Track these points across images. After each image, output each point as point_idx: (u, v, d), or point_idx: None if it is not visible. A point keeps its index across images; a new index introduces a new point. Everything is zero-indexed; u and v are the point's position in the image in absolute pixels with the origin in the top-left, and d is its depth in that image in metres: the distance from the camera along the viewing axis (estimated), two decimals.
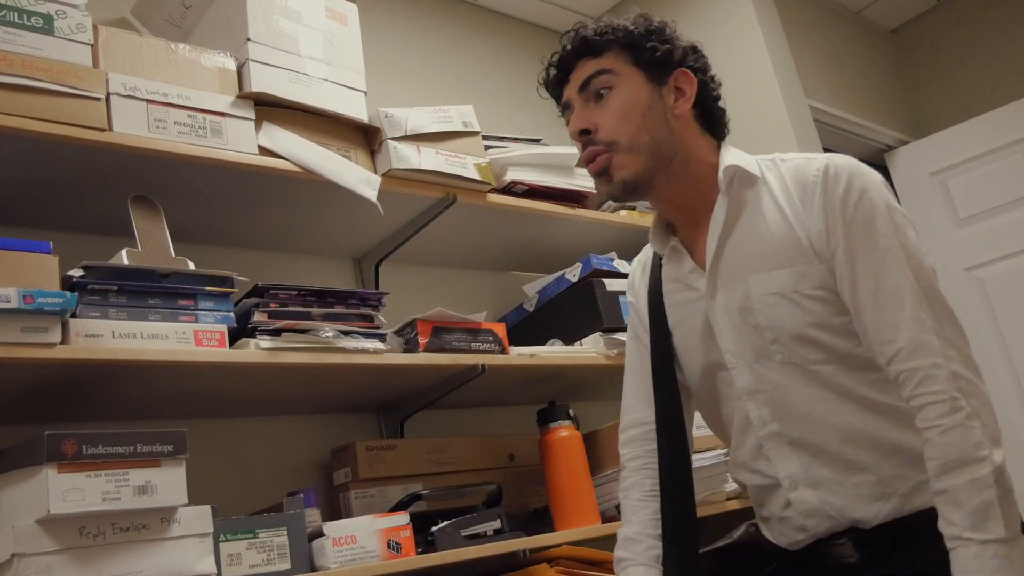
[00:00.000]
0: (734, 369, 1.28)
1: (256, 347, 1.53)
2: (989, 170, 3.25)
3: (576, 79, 1.32)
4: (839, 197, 1.21)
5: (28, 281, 1.28)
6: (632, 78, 1.30)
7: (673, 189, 1.32)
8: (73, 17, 1.50)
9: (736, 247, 1.27)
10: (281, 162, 1.70)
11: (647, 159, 1.27)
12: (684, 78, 1.31)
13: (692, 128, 1.32)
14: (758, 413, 1.26)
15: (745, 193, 1.29)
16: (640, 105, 1.28)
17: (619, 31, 1.30)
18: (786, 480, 1.25)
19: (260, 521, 1.46)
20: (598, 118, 1.29)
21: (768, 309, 1.23)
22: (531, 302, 2.29)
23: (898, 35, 3.81)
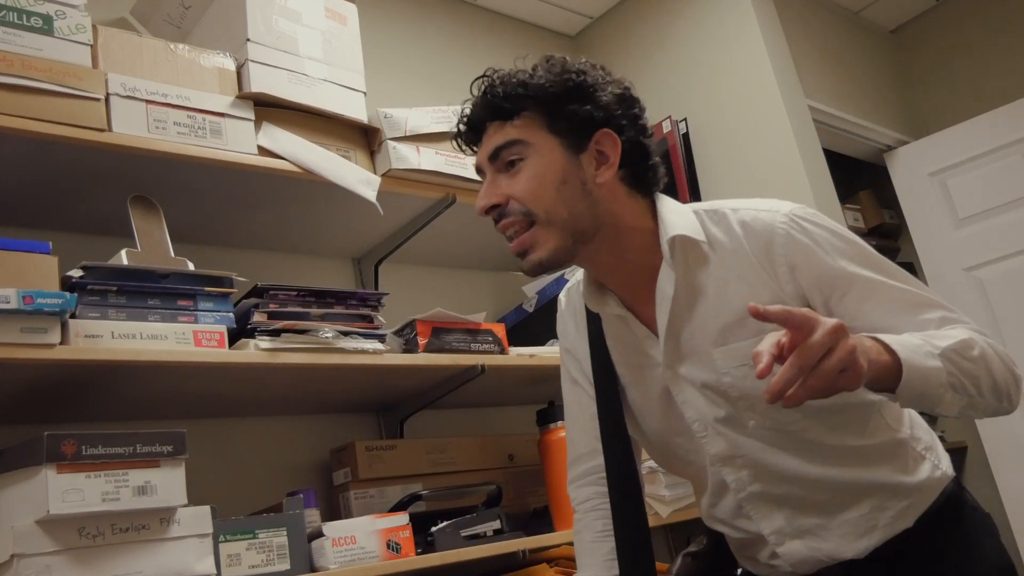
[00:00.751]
0: (704, 438, 1.20)
1: (255, 347, 1.53)
2: (989, 170, 3.25)
3: (486, 146, 1.19)
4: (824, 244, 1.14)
5: (28, 281, 1.28)
6: (546, 147, 1.15)
7: (602, 259, 1.20)
8: (72, 17, 1.50)
9: (692, 321, 1.18)
10: (280, 162, 1.70)
11: (565, 236, 1.15)
12: (607, 140, 1.16)
13: (618, 193, 1.18)
14: (735, 477, 1.20)
15: (691, 262, 1.18)
16: (555, 177, 1.14)
17: (532, 92, 1.15)
18: (772, 536, 1.21)
19: (260, 521, 1.46)
20: (508, 189, 1.16)
21: (738, 381, 1.15)
22: (531, 302, 2.29)
23: (898, 35, 3.81)
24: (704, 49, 2.88)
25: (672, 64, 2.95)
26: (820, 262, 1.14)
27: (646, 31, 3.04)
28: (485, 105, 1.19)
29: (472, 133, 1.22)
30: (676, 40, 2.95)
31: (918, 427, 1.26)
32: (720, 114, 2.80)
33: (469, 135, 1.23)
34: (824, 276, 1.13)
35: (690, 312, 1.18)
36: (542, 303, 2.26)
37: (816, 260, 1.14)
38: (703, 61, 2.87)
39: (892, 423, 1.22)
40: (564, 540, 1.80)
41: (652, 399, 1.26)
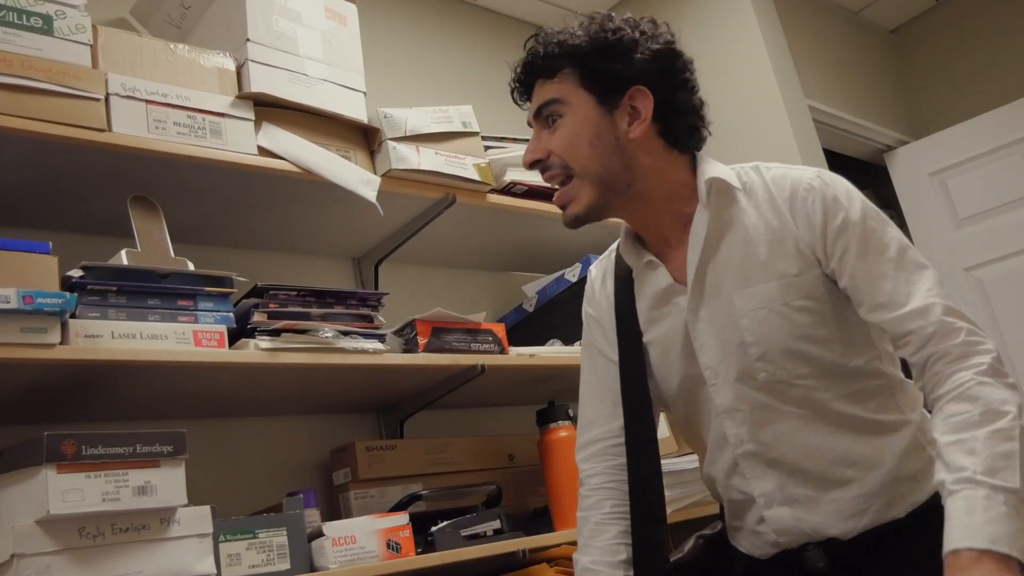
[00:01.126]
0: (713, 386, 1.23)
1: (255, 347, 1.53)
2: (989, 170, 3.25)
3: (533, 104, 1.29)
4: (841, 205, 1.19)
5: (27, 281, 1.28)
6: (580, 103, 1.23)
7: (636, 210, 1.27)
8: (72, 17, 1.50)
9: (719, 262, 1.23)
10: (280, 162, 1.70)
11: (597, 189, 1.23)
12: (639, 96, 1.22)
13: (653, 148, 1.24)
14: (735, 432, 1.23)
15: (725, 205, 1.24)
16: (588, 133, 1.22)
17: (567, 51, 1.24)
18: (761, 498, 1.22)
19: (260, 521, 1.46)
20: (549, 144, 1.25)
21: (755, 324, 1.19)
22: (531, 302, 2.29)
23: (898, 35, 3.81)
24: (704, 49, 2.87)
25: None
26: (832, 215, 1.18)
27: None
28: (529, 64, 1.28)
29: (522, 88, 1.31)
30: None
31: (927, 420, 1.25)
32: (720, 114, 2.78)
33: (521, 91, 1.32)
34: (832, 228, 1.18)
35: (718, 253, 1.23)
36: (542, 303, 2.26)
37: (829, 212, 1.19)
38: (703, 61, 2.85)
39: (903, 406, 1.22)
40: (564, 540, 1.80)
41: (673, 350, 1.28)
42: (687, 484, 1.97)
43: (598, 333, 1.39)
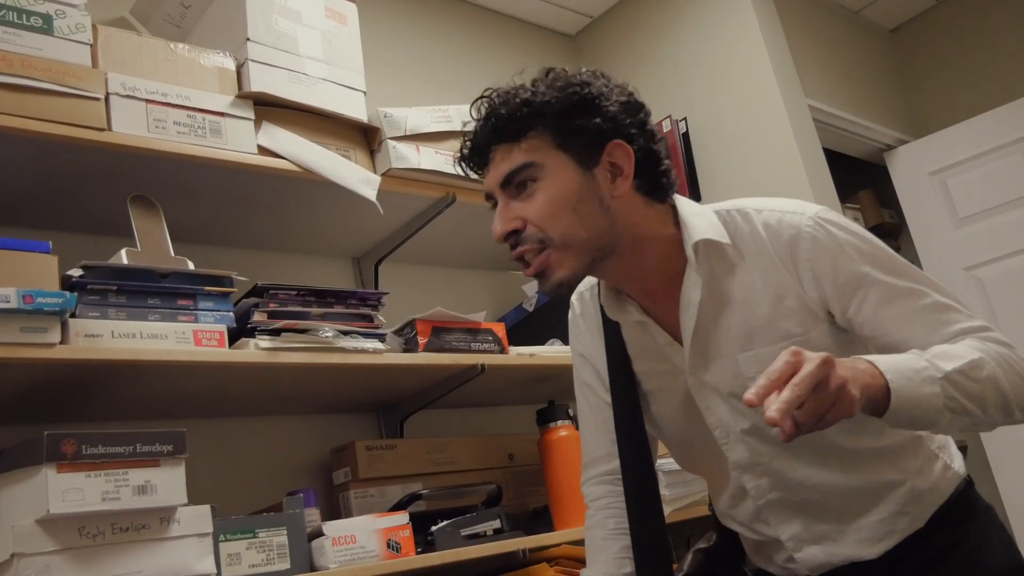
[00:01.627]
0: (725, 444, 1.20)
1: (255, 347, 1.53)
2: (989, 170, 3.25)
3: (496, 171, 1.15)
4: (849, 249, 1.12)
5: (27, 281, 1.28)
6: (558, 166, 1.12)
7: (624, 270, 1.18)
8: (72, 17, 1.50)
9: (718, 326, 1.16)
10: (280, 162, 1.70)
11: (585, 255, 1.13)
12: (619, 152, 1.13)
13: (635, 203, 1.15)
14: (755, 484, 1.21)
15: (716, 266, 1.16)
16: (571, 197, 1.11)
17: (537, 110, 1.12)
18: (790, 542, 1.21)
19: (260, 521, 1.46)
20: (524, 213, 1.13)
21: None
22: (531, 302, 2.29)
23: (897, 34, 3.81)
24: (704, 48, 2.88)
25: (672, 63, 2.95)
26: (843, 267, 1.11)
27: (646, 31, 3.04)
28: (490, 129, 1.15)
29: (478, 157, 1.18)
30: (676, 39, 2.95)
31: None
32: (720, 113, 2.80)
33: (475, 159, 1.19)
34: (845, 282, 1.12)
35: (716, 317, 1.17)
36: (542, 303, 2.26)
37: (838, 265, 1.12)
38: (703, 60, 2.87)
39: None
40: (564, 540, 1.80)
41: (674, 405, 1.25)
42: (687, 484, 1.97)
43: (589, 372, 1.35)
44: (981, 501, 1.25)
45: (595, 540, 1.32)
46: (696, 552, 1.40)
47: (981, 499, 1.25)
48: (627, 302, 1.24)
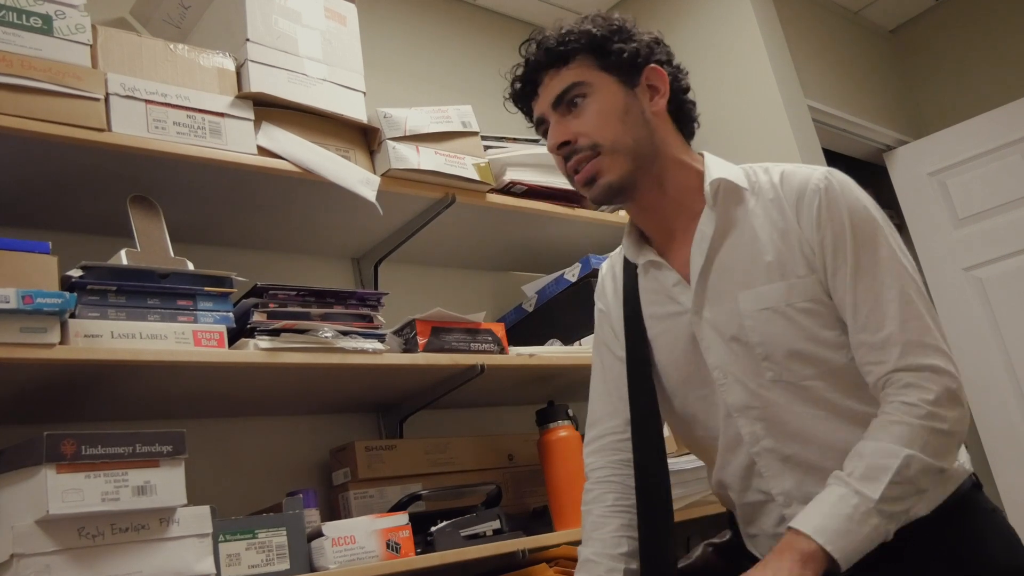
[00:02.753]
0: (723, 386, 1.24)
1: (255, 347, 1.53)
2: (988, 170, 3.25)
3: (547, 93, 1.29)
4: (844, 211, 1.19)
5: (27, 281, 1.28)
6: (604, 84, 1.26)
7: (654, 195, 1.29)
8: (72, 17, 1.50)
9: (723, 262, 1.24)
10: (280, 162, 1.70)
11: (630, 161, 1.24)
12: (655, 75, 1.28)
13: (668, 126, 1.30)
14: (750, 430, 1.23)
15: (732, 206, 1.26)
16: (617, 109, 1.25)
17: (582, 37, 1.26)
18: (780, 496, 1.23)
19: (259, 521, 1.46)
20: (576, 127, 1.26)
21: (760, 325, 1.20)
22: (530, 302, 2.29)
23: (897, 35, 3.81)
24: (704, 49, 2.88)
25: None
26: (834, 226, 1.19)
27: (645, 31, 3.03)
28: (540, 55, 1.28)
29: (528, 85, 1.31)
30: (676, 40, 2.92)
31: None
32: (720, 113, 2.80)
33: (525, 88, 1.32)
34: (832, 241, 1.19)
35: (723, 255, 1.25)
36: (542, 303, 2.26)
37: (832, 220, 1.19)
38: (702, 61, 2.87)
39: None
40: (564, 540, 1.80)
41: (678, 349, 1.30)
42: (687, 484, 1.97)
43: (607, 328, 1.42)
44: (986, 504, 1.25)
45: (592, 516, 1.34)
46: (707, 545, 1.41)
47: (988, 501, 1.25)
48: (645, 245, 1.34)
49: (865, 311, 1.16)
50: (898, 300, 1.15)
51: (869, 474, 1.07)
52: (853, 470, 1.08)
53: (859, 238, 1.18)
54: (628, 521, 1.31)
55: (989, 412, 3.10)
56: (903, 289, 1.16)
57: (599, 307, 1.46)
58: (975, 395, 3.15)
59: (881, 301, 1.15)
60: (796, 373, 1.19)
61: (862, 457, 1.09)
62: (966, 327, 3.21)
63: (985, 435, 3.09)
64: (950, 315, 3.26)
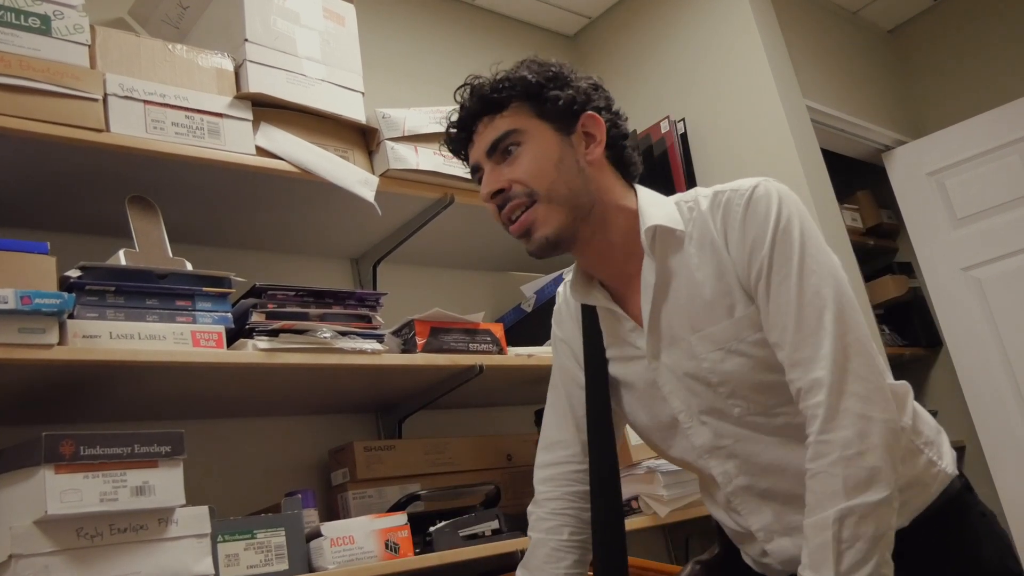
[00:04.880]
0: (689, 428, 1.23)
1: (254, 348, 1.53)
2: (986, 170, 3.25)
3: (481, 141, 1.25)
4: (759, 225, 1.15)
5: (25, 282, 1.28)
6: (539, 131, 1.22)
7: (596, 242, 1.24)
8: (70, 18, 1.50)
9: (671, 308, 1.21)
10: (279, 163, 1.70)
11: (566, 212, 1.20)
12: (591, 122, 1.24)
13: (606, 173, 1.25)
14: (722, 469, 1.22)
15: (670, 250, 1.22)
16: (552, 157, 1.21)
17: (517, 84, 1.23)
18: (760, 532, 1.22)
19: (258, 522, 1.46)
20: (510, 174, 1.21)
21: (717, 365, 1.18)
22: (529, 302, 2.29)
23: (895, 35, 3.81)
24: (702, 49, 2.88)
25: (670, 64, 2.95)
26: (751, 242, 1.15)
27: (644, 31, 3.04)
28: (474, 102, 1.26)
29: (463, 132, 1.28)
30: (674, 40, 2.96)
31: (922, 421, 1.24)
32: (718, 114, 2.80)
33: (460, 135, 1.29)
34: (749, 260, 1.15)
35: (667, 300, 1.22)
36: (540, 303, 2.26)
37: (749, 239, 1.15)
38: (701, 61, 2.88)
39: None
40: None
41: (641, 392, 1.28)
42: (684, 484, 1.97)
43: (567, 356, 1.39)
44: (978, 507, 1.23)
45: (546, 546, 1.31)
46: (695, 563, 1.40)
47: (979, 504, 1.24)
48: (595, 288, 1.30)
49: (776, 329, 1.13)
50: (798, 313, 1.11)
51: (816, 559, 1.03)
52: (805, 561, 1.05)
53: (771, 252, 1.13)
54: (580, 557, 1.31)
55: (988, 412, 3.10)
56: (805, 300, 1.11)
57: (557, 334, 1.41)
58: (974, 395, 3.16)
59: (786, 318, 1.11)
60: (763, 404, 1.18)
61: (807, 542, 1.05)
62: (964, 327, 3.21)
63: (984, 435, 3.10)
64: (948, 315, 3.27)
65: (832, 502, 1.03)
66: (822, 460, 1.05)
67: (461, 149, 1.31)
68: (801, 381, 1.10)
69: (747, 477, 1.21)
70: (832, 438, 1.05)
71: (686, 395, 1.22)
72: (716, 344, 1.18)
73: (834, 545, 1.02)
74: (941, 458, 1.22)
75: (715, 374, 1.18)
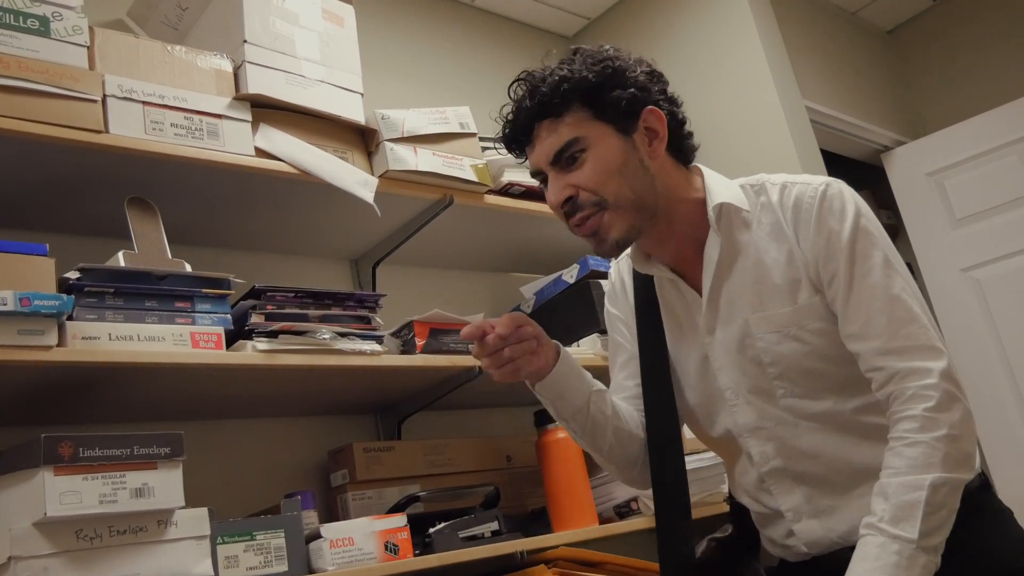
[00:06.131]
0: (734, 406, 1.26)
1: (253, 349, 1.53)
2: (986, 170, 3.25)
3: (544, 148, 1.23)
4: (836, 223, 1.19)
5: (25, 283, 1.28)
6: (601, 136, 1.21)
7: (661, 233, 1.27)
8: (69, 19, 1.50)
9: (732, 286, 1.25)
10: (278, 164, 1.70)
11: (634, 214, 1.22)
12: (653, 118, 1.24)
13: (668, 166, 1.26)
14: (760, 450, 1.25)
15: (736, 228, 1.26)
16: (616, 161, 1.21)
17: (577, 86, 1.20)
18: (789, 512, 1.25)
19: (257, 523, 1.45)
20: (577, 180, 1.21)
21: (771, 346, 1.21)
22: (528, 303, 2.29)
23: (895, 36, 3.81)
24: (701, 50, 2.88)
25: (669, 65, 2.93)
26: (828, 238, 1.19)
27: (643, 32, 3.04)
28: (534, 106, 1.23)
29: (524, 135, 1.26)
30: (673, 41, 2.96)
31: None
32: (718, 115, 2.80)
33: (520, 137, 1.27)
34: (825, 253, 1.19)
35: (731, 277, 1.25)
36: (540, 304, 2.26)
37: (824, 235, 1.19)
38: (700, 62, 2.88)
39: None
40: (562, 541, 1.80)
41: (692, 365, 1.31)
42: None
43: (621, 329, 1.43)
44: (996, 503, 1.25)
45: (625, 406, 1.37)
46: (711, 540, 1.42)
47: (997, 501, 1.25)
48: (655, 260, 1.32)
49: (860, 320, 1.16)
50: (889, 307, 1.15)
51: (900, 514, 1.06)
52: (883, 514, 1.07)
53: (852, 249, 1.18)
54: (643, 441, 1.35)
55: (987, 412, 3.10)
56: (894, 294, 1.15)
57: (611, 311, 1.45)
58: (974, 395, 3.15)
59: (873, 310, 1.15)
60: (808, 389, 1.21)
61: (887, 497, 1.08)
62: (964, 328, 3.21)
63: (983, 435, 3.09)
64: (948, 316, 3.27)
65: (929, 470, 1.07)
66: (927, 433, 1.09)
67: (519, 149, 1.29)
68: (900, 366, 1.13)
69: (783, 460, 1.24)
70: (943, 417, 1.09)
71: (736, 373, 1.25)
72: (774, 326, 1.21)
73: (924, 506, 1.05)
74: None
75: (768, 354, 1.21)
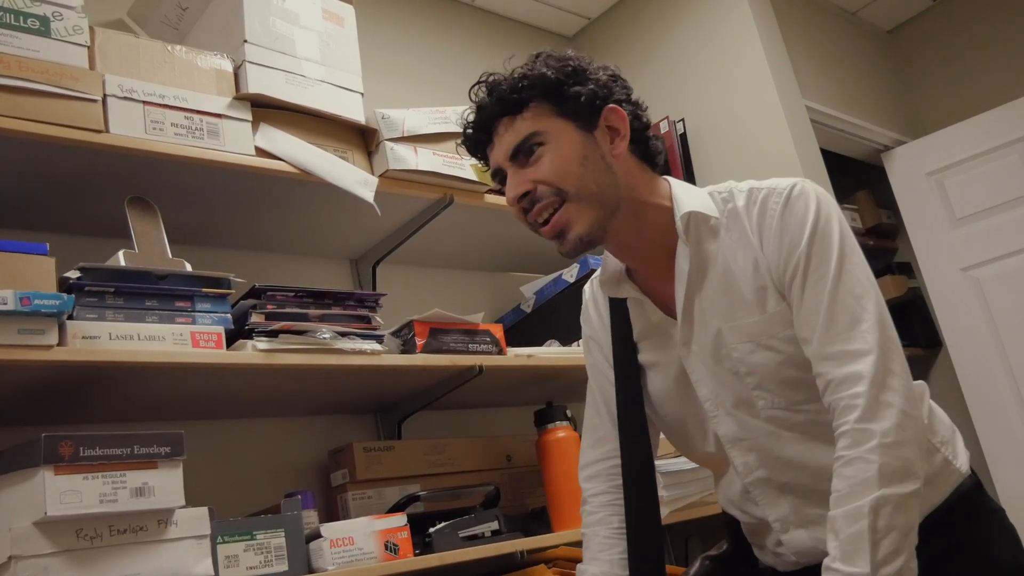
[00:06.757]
0: (715, 418, 1.24)
1: (253, 348, 1.53)
2: (986, 170, 3.25)
3: (503, 144, 1.21)
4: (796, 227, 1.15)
5: (25, 283, 1.28)
6: (561, 131, 1.19)
7: (626, 235, 1.23)
8: (69, 19, 1.50)
9: (704, 296, 1.22)
10: (278, 163, 1.70)
11: (597, 209, 1.18)
12: (614, 115, 1.21)
13: (632, 166, 1.23)
14: (743, 460, 1.23)
15: (705, 238, 1.22)
16: (577, 155, 1.18)
17: (536, 82, 1.19)
18: (776, 523, 1.23)
19: (257, 523, 1.45)
20: (535, 175, 1.18)
21: (745, 356, 1.19)
22: (528, 303, 2.29)
23: (895, 35, 3.81)
24: (702, 50, 2.88)
25: (670, 65, 2.95)
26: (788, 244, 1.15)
27: (644, 32, 3.04)
28: (493, 103, 1.22)
29: (482, 133, 1.25)
30: (674, 41, 2.96)
31: (938, 420, 1.26)
32: (717, 114, 2.80)
33: (479, 137, 1.26)
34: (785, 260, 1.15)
35: (702, 288, 1.22)
36: (540, 304, 2.26)
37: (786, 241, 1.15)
38: (701, 61, 2.88)
39: None
40: (562, 541, 1.80)
41: (670, 380, 1.28)
42: (685, 485, 1.97)
43: (598, 354, 1.40)
44: (989, 504, 1.24)
45: (597, 537, 1.33)
46: (704, 559, 1.41)
47: (990, 502, 1.25)
48: (625, 281, 1.29)
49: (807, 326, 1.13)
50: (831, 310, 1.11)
51: (850, 549, 1.01)
52: (835, 552, 1.03)
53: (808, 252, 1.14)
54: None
55: (987, 412, 3.10)
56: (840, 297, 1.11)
57: (587, 333, 1.42)
58: (973, 395, 3.16)
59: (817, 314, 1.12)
60: (788, 399, 1.18)
61: (836, 533, 1.04)
62: (964, 328, 3.21)
63: (983, 435, 3.09)
64: (948, 316, 3.27)
65: (867, 490, 1.02)
66: (859, 447, 1.04)
67: (479, 150, 1.28)
68: (834, 374, 1.09)
69: (766, 470, 1.22)
70: (872, 427, 1.04)
71: (714, 384, 1.23)
72: (747, 336, 1.19)
73: (869, 535, 1.00)
74: (956, 457, 1.23)
75: (744, 364, 1.19)
